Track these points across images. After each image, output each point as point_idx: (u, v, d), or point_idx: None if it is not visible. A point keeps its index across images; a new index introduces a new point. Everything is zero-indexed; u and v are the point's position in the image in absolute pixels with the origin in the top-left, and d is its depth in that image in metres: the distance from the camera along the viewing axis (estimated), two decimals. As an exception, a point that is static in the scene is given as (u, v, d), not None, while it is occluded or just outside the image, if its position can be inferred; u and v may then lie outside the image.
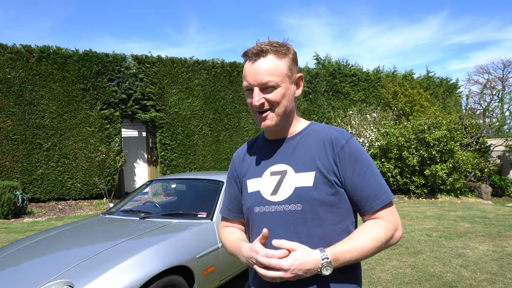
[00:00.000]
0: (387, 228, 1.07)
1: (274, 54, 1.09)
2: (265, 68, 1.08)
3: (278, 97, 1.10)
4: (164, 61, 10.12)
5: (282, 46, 1.12)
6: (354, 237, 1.05)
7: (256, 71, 1.08)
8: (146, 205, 4.18)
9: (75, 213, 8.15)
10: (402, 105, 11.70)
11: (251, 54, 1.10)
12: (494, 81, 27.00)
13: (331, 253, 1.00)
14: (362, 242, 1.03)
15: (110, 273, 2.18)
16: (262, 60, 1.09)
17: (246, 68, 1.11)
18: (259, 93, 1.09)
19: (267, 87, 1.09)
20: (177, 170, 10.20)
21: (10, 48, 8.75)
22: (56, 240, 2.90)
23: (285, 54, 1.11)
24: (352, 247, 1.02)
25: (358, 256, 1.03)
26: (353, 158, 1.11)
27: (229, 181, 1.34)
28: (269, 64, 1.08)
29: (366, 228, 1.07)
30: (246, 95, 1.15)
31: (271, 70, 1.08)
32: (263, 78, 1.08)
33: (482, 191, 9.80)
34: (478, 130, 11.36)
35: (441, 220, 6.40)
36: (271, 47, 1.10)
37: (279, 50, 1.10)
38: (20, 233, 5.97)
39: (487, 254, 4.28)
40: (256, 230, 1.17)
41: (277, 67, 1.09)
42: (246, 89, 1.14)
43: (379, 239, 1.05)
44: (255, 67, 1.09)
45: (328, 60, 13.62)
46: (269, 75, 1.08)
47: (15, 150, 8.73)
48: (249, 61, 1.10)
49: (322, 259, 0.99)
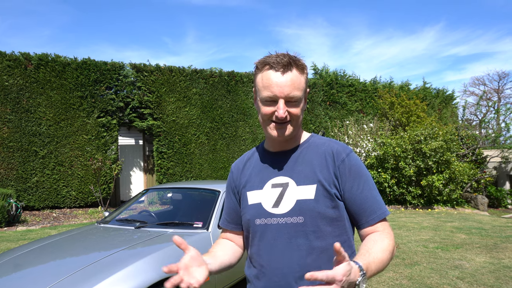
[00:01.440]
0: (392, 239, 1.10)
1: (297, 69, 1.10)
2: (292, 81, 1.08)
3: (299, 111, 1.12)
4: (162, 70, 10.16)
5: (300, 61, 1.12)
6: (370, 249, 1.03)
7: (284, 84, 1.07)
8: (142, 214, 4.15)
9: (70, 221, 8.07)
10: (399, 116, 11.77)
11: (277, 65, 1.08)
12: (490, 93, 27.31)
13: (363, 264, 0.95)
14: (379, 253, 1.02)
15: (104, 284, 2.15)
16: (290, 74, 1.08)
17: (270, 78, 1.08)
18: (284, 105, 1.09)
19: (290, 100, 1.09)
20: (173, 178, 10.15)
21: (8, 55, 8.76)
22: (49, 249, 2.87)
23: (303, 69, 1.13)
24: (374, 258, 1.00)
25: (380, 267, 1.01)
26: (353, 171, 1.12)
27: (227, 193, 1.34)
28: (295, 78, 1.08)
29: (376, 240, 1.07)
30: (264, 103, 1.12)
31: (297, 84, 1.09)
32: (291, 91, 1.08)
33: (478, 202, 9.81)
34: (474, 141, 11.43)
35: (437, 231, 6.39)
36: (293, 61, 1.10)
37: (299, 65, 1.11)
38: (13, 242, 5.89)
39: (484, 266, 4.27)
40: (257, 242, 1.17)
41: (300, 82, 1.10)
42: (266, 99, 1.11)
43: (390, 250, 1.06)
44: (284, 79, 1.08)
45: (326, 70, 13.72)
46: (296, 90, 1.08)
47: (10, 158, 8.68)
48: (275, 71, 1.08)
49: (359, 271, 0.92)
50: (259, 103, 1.15)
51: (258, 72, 1.13)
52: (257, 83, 1.13)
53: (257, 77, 1.14)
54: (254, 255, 1.18)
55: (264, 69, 1.11)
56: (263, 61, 1.11)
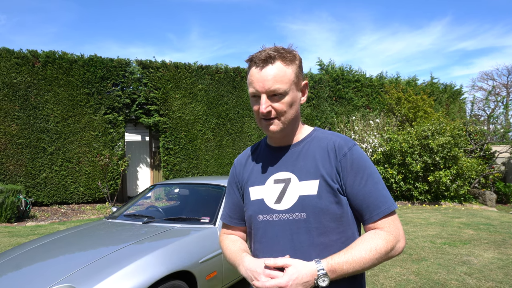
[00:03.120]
0: (387, 239, 1.05)
1: (282, 61, 1.07)
2: (273, 75, 1.05)
3: (285, 105, 1.08)
4: (168, 66, 10.18)
5: (289, 53, 1.09)
6: (352, 248, 1.03)
7: (264, 78, 1.05)
8: (149, 210, 4.18)
9: (78, 217, 8.16)
10: (406, 111, 11.67)
11: (258, 60, 1.07)
12: (498, 88, 26.94)
13: (327, 264, 0.99)
14: (360, 253, 1.01)
15: (113, 278, 2.18)
16: (270, 67, 1.06)
17: (252, 74, 1.08)
18: (266, 100, 1.07)
19: (275, 94, 1.07)
20: (179, 174, 10.20)
21: (16, 53, 8.84)
22: (59, 244, 2.91)
23: (292, 61, 1.09)
24: (349, 258, 1.00)
25: (357, 267, 1.01)
26: (355, 166, 1.09)
27: (230, 187, 1.31)
28: (277, 71, 1.06)
29: (365, 239, 1.05)
30: (252, 101, 1.13)
31: (279, 77, 1.06)
32: (272, 85, 1.05)
33: (486, 198, 9.72)
34: (482, 136, 11.30)
35: (445, 226, 6.35)
36: (278, 53, 1.07)
37: (286, 57, 1.08)
38: (23, 237, 5.98)
39: (492, 262, 4.24)
40: (259, 239, 1.16)
41: (285, 74, 1.07)
42: (252, 95, 1.11)
43: (378, 251, 1.02)
44: (263, 74, 1.06)
45: (332, 65, 13.65)
46: (278, 83, 1.05)
47: (19, 154, 8.78)
48: (256, 67, 1.07)
49: (317, 270, 0.98)
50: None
51: (248, 70, 1.13)
52: (247, 80, 1.13)
53: (247, 75, 1.14)
54: (257, 252, 1.17)
55: (249, 66, 1.11)
56: (249, 58, 1.11)
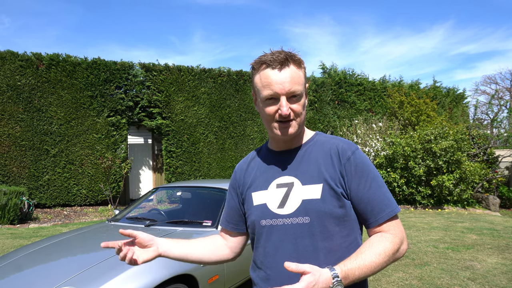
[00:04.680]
0: (394, 242, 1.06)
1: (294, 64, 1.08)
2: (291, 77, 1.06)
3: (301, 107, 1.10)
4: (171, 69, 10.22)
5: (296, 56, 1.10)
6: (362, 253, 1.03)
7: (284, 80, 1.06)
8: (151, 213, 4.18)
9: (80, 219, 8.18)
10: (408, 115, 11.64)
11: (274, 63, 1.06)
12: (502, 92, 26.85)
13: (341, 270, 0.98)
14: (371, 257, 1.01)
15: (115, 281, 2.18)
16: (287, 69, 1.07)
17: (269, 76, 1.07)
18: (286, 102, 1.07)
19: (293, 96, 1.08)
20: (182, 177, 10.21)
21: (20, 56, 8.90)
22: (61, 247, 2.91)
23: (300, 65, 1.11)
24: (361, 263, 1.00)
25: (367, 272, 1.01)
26: (359, 169, 1.10)
27: (229, 193, 1.32)
28: (294, 74, 1.07)
29: (373, 243, 1.05)
30: (266, 104, 1.10)
31: (296, 79, 1.07)
32: (291, 87, 1.06)
33: (490, 203, 9.67)
34: (485, 140, 11.25)
35: (448, 231, 6.31)
36: (289, 56, 1.08)
37: (296, 60, 1.09)
38: (25, 238, 5.99)
39: (496, 267, 4.21)
40: (262, 244, 1.15)
41: (299, 76, 1.09)
42: (268, 98, 1.09)
43: (386, 254, 1.03)
44: (282, 75, 1.06)
45: (334, 69, 13.65)
46: (296, 84, 1.07)
47: (22, 156, 8.82)
48: (272, 69, 1.07)
49: (332, 278, 0.96)
50: (260, 104, 1.13)
51: (255, 72, 1.11)
52: (256, 83, 1.11)
53: (255, 78, 1.11)
54: (260, 257, 1.17)
55: (261, 69, 1.09)
56: (259, 61, 1.09)
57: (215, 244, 1.29)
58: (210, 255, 1.27)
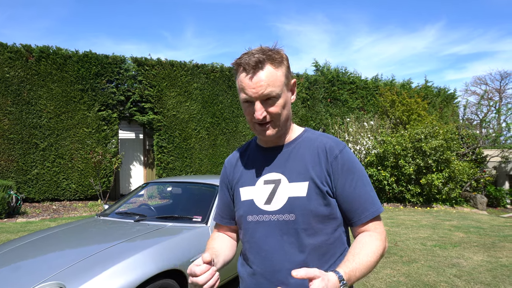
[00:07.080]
0: (382, 240, 1.09)
1: (271, 64, 1.06)
2: (264, 79, 1.04)
3: (279, 108, 1.08)
4: (163, 64, 10.14)
5: (277, 54, 1.08)
6: (357, 254, 1.04)
7: (256, 84, 1.04)
8: (141, 208, 4.16)
9: (69, 214, 8.10)
10: (400, 114, 11.75)
11: (247, 66, 1.04)
12: (491, 92, 27.24)
13: (344, 273, 0.98)
14: (367, 257, 1.03)
15: (103, 276, 2.16)
16: (261, 72, 1.04)
17: (243, 80, 1.06)
18: (261, 107, 1.06)
19: (268, 98, 1.06)
20: (173, 173, 10.17)
21: (10, 47, 8.73)
22: (49, 241, 2.88)
23: (281, 62, 1.08)
24: (359, 264, 1.01)
25: (365, 272, 1.02)
26: (346, 168, 1.10)
27: (221, 188, 1.32)
28: (268, 75, 1.05)
29: (365, 243, 1.06)
30: (244, 107, 1.11)
31: (271, 81, 1.05)
32: (264, 90, 1.04)
33: (477, 201, 9.83)
34: (474, 140, 11.42)
35: (436, 229, 6.40)
36: (267, 56, 1.05)
37: (275, 59, 1.07)
38: (13, 233, 5.92)
39: (481, 265, 4.29)
40: (248, 239, 1.16)
41: (276, 77, 1.06)
42: (244, 101, 1.09)
43: (378, 252, 1.06)
44: (255, 80, 1.04)
45: (327, 67, 13.69)
46: (270, 86, 1.04)
47: (10, 150, 8.69)
48: (246, 73, 1.05)
49: (339, 281, 0.95)
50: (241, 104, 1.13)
51: (235, 74, 1.10)
52: (237, 85, 1.11)
53: (236, 79, 1.11)
54: (246, 252, 1.18)
55: (239, 71, 1.08)
56: (235, 63, 1.08)
57: (227, 240, 1.29)
58: (232, 252, 1.27)
